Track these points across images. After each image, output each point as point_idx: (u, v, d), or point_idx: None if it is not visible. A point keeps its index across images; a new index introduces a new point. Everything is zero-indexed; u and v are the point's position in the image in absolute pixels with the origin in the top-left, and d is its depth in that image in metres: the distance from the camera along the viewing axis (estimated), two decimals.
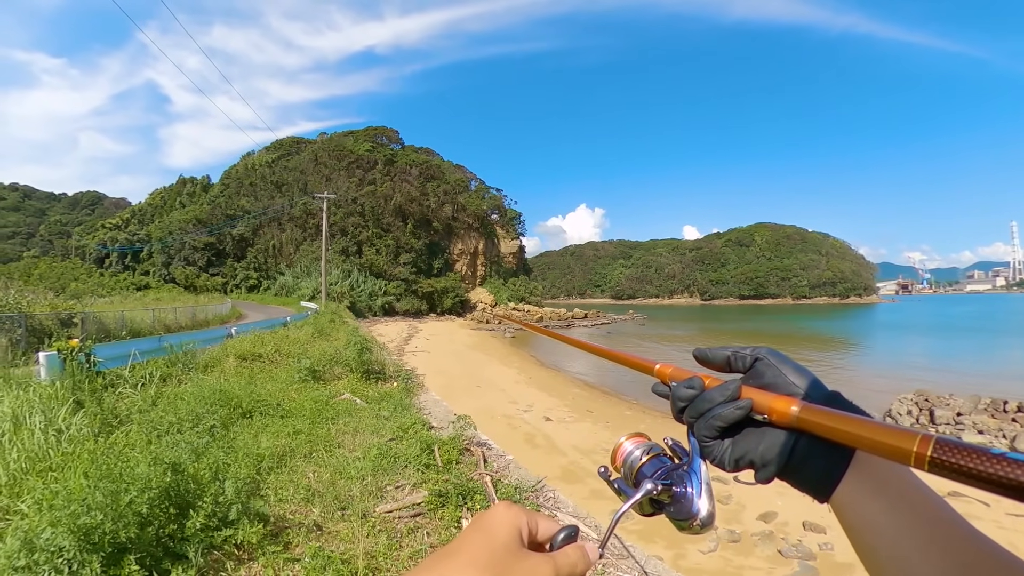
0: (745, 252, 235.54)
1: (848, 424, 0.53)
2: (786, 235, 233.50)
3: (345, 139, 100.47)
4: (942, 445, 0.43)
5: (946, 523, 0.56)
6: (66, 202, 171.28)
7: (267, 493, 5.25)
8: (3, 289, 18.68)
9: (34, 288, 26.61)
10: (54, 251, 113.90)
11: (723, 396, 0.64)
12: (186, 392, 8.67)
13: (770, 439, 0.62)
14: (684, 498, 0.66)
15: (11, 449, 5.20)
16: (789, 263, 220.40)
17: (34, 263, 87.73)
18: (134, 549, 3.47)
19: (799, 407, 0.58)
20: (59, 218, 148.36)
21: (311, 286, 67.20)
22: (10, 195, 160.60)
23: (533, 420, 15.69)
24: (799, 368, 0.66)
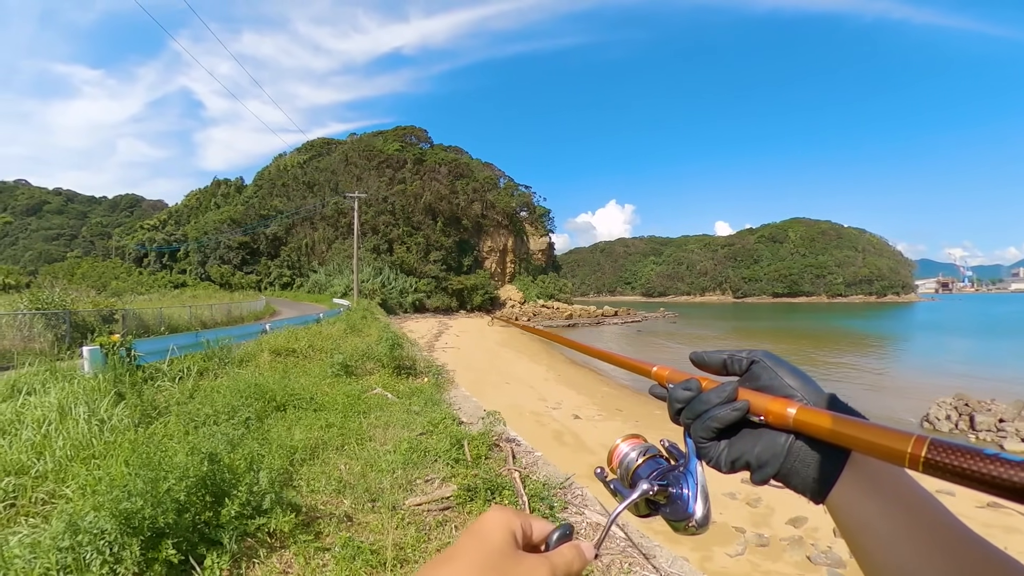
0: (779, 248, 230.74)
1: (843, 426, 0.53)
2: (821, 231, 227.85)
3: (375, 139, 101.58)
4: (936, 446, 0.43)
5: (942, 525, 0.56)
6: (106, 205, 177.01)
7: (300, 484, 5.35)
8: (49, 287, 19.35)
9: (77, 286, 27.58)
10: (95, 251, 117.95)
11: (720, 398, 0.65)
12: (222, 385, 8.88)
13: (766, 441, 0.62)
14: (680, 499, 0.66)
15: (57, 437, 5.43)
16: (824, 260, 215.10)
17: (77, 263, 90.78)
18: (171, 534, 3.58)
19: (795, 409, 0.58)
20: (100, 220, 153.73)
21: (343, 283, 68.09)
22: (54, 199, 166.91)
23: (561, 417, 15.65)
24: (795, 371, 0.66)
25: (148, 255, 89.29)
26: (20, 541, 3.51)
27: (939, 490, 8.96)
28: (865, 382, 24.57)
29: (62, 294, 18.88)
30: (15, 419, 5.92)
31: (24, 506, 4.43)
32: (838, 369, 29.22)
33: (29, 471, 4.86)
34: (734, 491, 9.30)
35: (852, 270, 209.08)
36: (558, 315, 78.79)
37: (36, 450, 5.21)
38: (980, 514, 8.66)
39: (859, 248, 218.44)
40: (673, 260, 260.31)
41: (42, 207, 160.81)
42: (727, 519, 8.37)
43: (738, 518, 8.46)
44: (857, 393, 21.20)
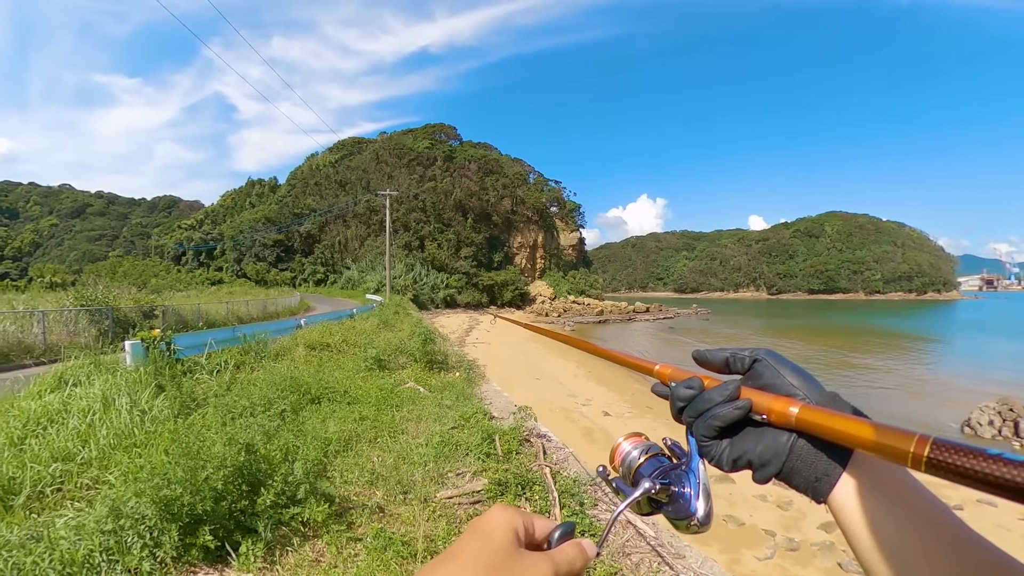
0: (814, 243, 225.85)
1: (846, 424, 0.53)
2: (858, 225, 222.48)
3: (404, 137, 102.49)
4: (939, 446, 0.43)
5: (944, 525, 0.55)
6: (145, 206, 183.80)
7: (333, 475, 5.42)
8: (93, 285, 19.99)
9: (119, 284, 28.42)
10: (136, 251, 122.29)
11: (722, 396, 0.65)
12: (258, 379, 9.06)
13: (768, 439, 0.62)
14: (682, 498, 0.67)
15: (101, 427, 5.65)
16: (861, 255, 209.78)
17: (119, 262, 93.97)
18: (209, 521, 3.68)
19: (798, 408, 0.58)
20: (139, 221, 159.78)
21: (376, 279, 68.90)
22: (96, 202, 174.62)
23: (591, 414, 15.57)
24: (797, 369, 0.66)
25: (186, 253, 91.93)
26: (66, 523, 3.65)
27: (980, 500, 8.65)
28: (903, 384, 23.78)
29: (105, 291, 19.55)
30: (62, 409, 6.17)
31: (70, 491, 4.60)
32: (874, 372, 28.42)
33: (75, 458, 5.05)
34: (765, 493, 9.11)
35: (891, 266, 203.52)
36: (589, 311, 78.23)
37: (81, 438, 5.42)
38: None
39: (898, 243, 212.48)
40: (706, 255, 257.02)
41: (85, 210, 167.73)
42: (757, 522, 8.21)
43: (768, 521, 8.29)
44: (894, 396, 20.61)
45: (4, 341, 14.47)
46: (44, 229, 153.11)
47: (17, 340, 14.81)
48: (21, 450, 5.05)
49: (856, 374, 26.36)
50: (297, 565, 3.80)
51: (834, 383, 24.07)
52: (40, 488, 4.51)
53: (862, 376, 25.77)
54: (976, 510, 8.41)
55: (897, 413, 17.43)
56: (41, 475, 4.62)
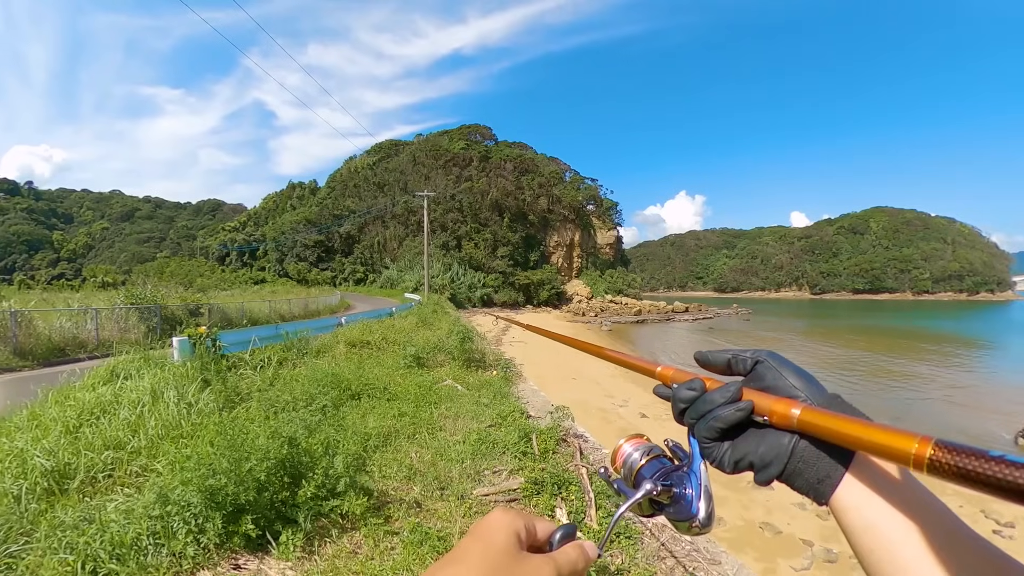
0: (859, 240, 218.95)
1: (848, 426, 0.52)
2: (905, 220, 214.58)
3: (440, 139, 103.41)
4: (941, 447, 0.43)
5: (945, 526, 0.55)
6: (190, 210, 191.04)
7: (372, 469, 5.49)
8: (142, 285, 20.80)
9: (166, 284, 29.51)
10: (182, 252, 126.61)
11: (724, 398, 0.64)
12: (300, 374, 9.26)
13: (770, 441, 0.62)
14: (683, 499, 0.67)
15: (150, 418, 5.87)
16: (909, 253, 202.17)
17: (166, 262, 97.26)
18: (251, 510, 3.78)
19: (799, 409, 0.58)
20: (185, 224, 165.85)
21: (414, 279, 69.69)
22: (144, 206, 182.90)
23: (628, 415, 15.41)
24: (799, 371, 0.66)
25: (230, 254, 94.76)
26: (116, 508, 3.81)
27: None
28: (952, 392, 22.69)
29: (153, 291, 20.38)
30: (114, 400, 6.43)
31: (120, 477, 4.79)
32: (921, 378, 27.37)
33: (125, 446, 5.25)
34: (804, 502, 8.81)
35: (940, 264, 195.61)
36: (626, 311, 77.50)
37: (131, 428, 5.63)
38: None
39: (948, 240, 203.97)
40: (747, 253, 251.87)
41: (134, 214, 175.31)
42: (794, 531, 7.97)
43: (806, 530, 8.05)
44: (942, 404, 19.72)
45: (60, 336, 15.19)
46: (96, 232, 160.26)
47: (72, 335, 15.54)
48: (76, 438, 5.28)
49: (902, 381, 25.44)
50: (335, 556, 3.86)
51: (877, 390, 23.30)
52: (93, 474, 4.70)
53: (909, 383, 24.84)
54: None
55: (945, 423, 16.68)
56: (94, 462, 4.81)
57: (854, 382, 24.33)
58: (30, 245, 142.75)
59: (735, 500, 8.95)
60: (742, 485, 9.35)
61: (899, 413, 17.86)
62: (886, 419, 0.55)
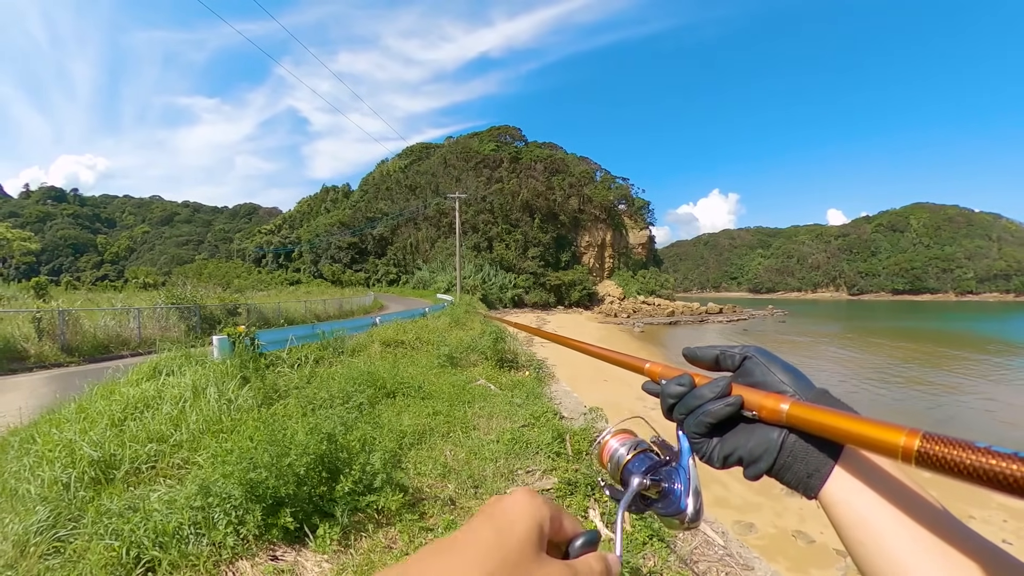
0: (899, 238, 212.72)
1: (836, 420, 0.52)
2: (947, 217, 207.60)
3: (471, 141, 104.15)
4: (928, 439, 0.43)
5: (934, 518, 0.55)
6: (227, 213, 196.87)
7: (407, 466, 5.51)
8: (181, 286, 21.36)
9: (205, 284, 30.24)
10: (219, 254, 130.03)
11: (713, 393, 0.65)
12: (337, 373, 9.38)
13: (759, 436, 0.62)
14: (672, 494, 0.66)
15: (191, 413, 6.02)
16: (951, 251, 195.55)
17: (204, 264, 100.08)
18: (290, 504, 3.84)
19: (788, 404, 0.58)
20: (222, 227, 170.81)
21: (446, 280, 70.20)
22: (183, 211, 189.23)
23: (659, 417, 15.18)
24: (788, 367, 0.66)
25: (266, 256, 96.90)
26: (159, 498, 3.90)
27: None
28: (1001, 402, 21.88)
29: (192, 291, 20.97)
30: (157, 395, 6.63)
31: (163, 469, 4.91)
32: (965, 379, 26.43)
33: (168, 440, 5.40)
34: None
35: (985, 263, 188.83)
36: (659, 312, 76.73)
37: (174, 423, 5.79)
38: None
39: (993, 237, 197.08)
40: (782, 253, 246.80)
41: (173, 218, 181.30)
42: (828, 540, 7.74)
43: (840, 541, 7.83)
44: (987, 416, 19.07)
45: (105, 334, 15.71)
46: (138, 236, 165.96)
47: (116, 333, 16.07)
48: (121, 430, 5.45)
49: (946, 383, 24.62)
50: (370, 550, 3.88)
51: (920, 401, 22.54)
52: (137, 465, 4.84)
53: (952, 385, 24.02)
54: None
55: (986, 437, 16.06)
56: (138, 453, 4.95)
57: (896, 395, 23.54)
58: (76, 248, 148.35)
59: (768, 507, 8.79)
60: (775, 492, 9.16)
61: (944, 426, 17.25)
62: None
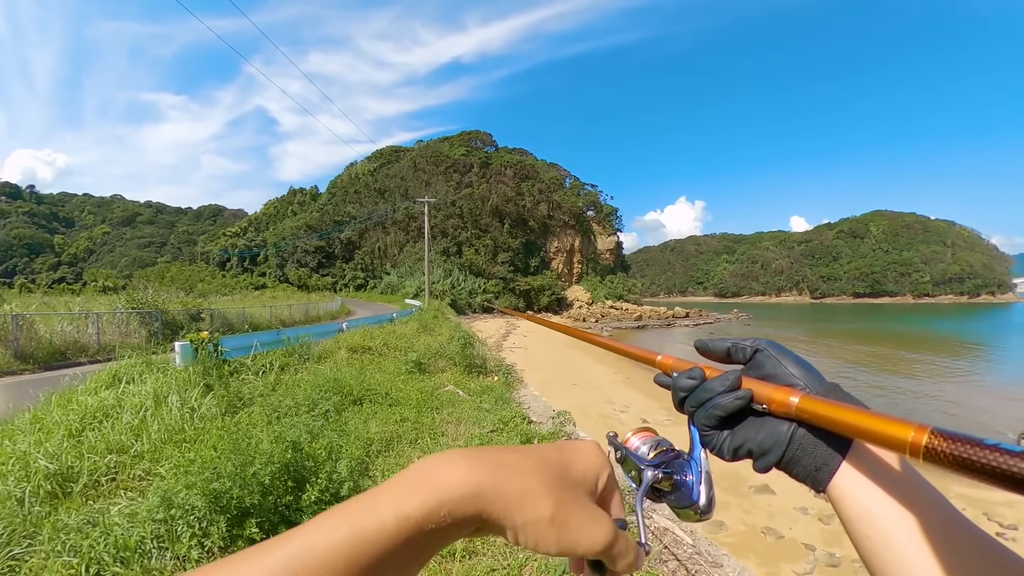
0: (859, 244, 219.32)
1: (845, 414, 0.52)
2: (905, 224, 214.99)
3: (441, 145, 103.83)
4: (937, 435, 0.43)
5: (940, 514, 0.55)
6: (191, 215, 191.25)
7: (375, 474, 5.48)
8: (143, 289, 20.81)
9: (167, 288, 29.57)
10: (183, 257, 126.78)
11: (723, 386, 0.65)
12: (302, 380, 9.26)
13: (769, 429, 0.62)
14: (684, 486, 0.67)
15: (153, 422, 5.88)
16: (909, 256, 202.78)
17: (167, 267, 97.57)
18: (255, 514, 3.79)
19: (798, 398, 0.58)
20: (186, 229, 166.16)
21: (415, 285, 69.75)
22: (146, 211, 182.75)
23: (629, 421, 15.38)
24: (798, 360, 0.67)
25: (230, 259, 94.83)
26: (120, 511, 3.81)
27: None
28: (955, 392, 22.82)
29: (154, 295, 20.38)
30: (117, 404, 6.45)
31: (124, 480, 4.80)
32: (924, 376, 27.40)
33: (128, 450, 5.26)
34: (806, 506, 8.82)
35: (941, 267, 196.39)
36: (627, 316, 77.61)
37: (134, 432, 5.64)
38: None
39: (948, 243, 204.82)
40: (747, 258, 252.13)
41: (135, 218, 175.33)
42: (797, 535, 7.94)
43: (808, 535, 8.02)
44: (945, 405, 19.82)
45: (61, 340, 15.21)
46: (97, 237, 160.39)
47: (73, 339, 15.57)
48: (79, 441, 5.29)
49: (902, 382, 25.45)
50: None
51: (877, 390, 23.29)
52: (96, 477, 4.71)
53: (911, 383, 24.86)
54: None
55: (948, 423, 16.71)
56: (97, 465, 4.82)
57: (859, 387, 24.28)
58: (31, 249, 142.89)
59: (737, 505, 8.93)
60: (743, 490, 9.34)
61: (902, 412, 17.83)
62: None
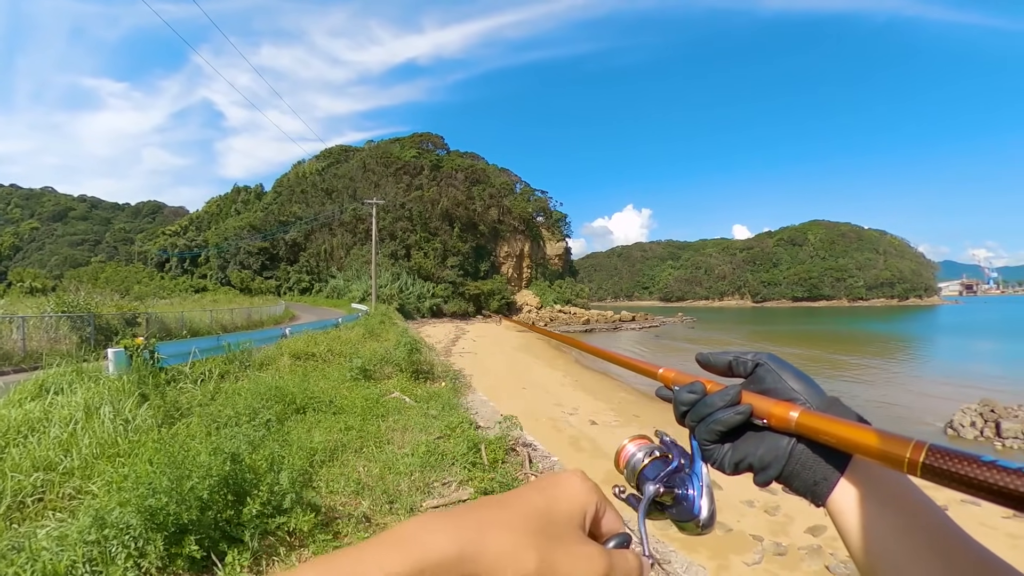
0: (798, 252, 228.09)
1: (844, 430, 0.54)
2: (841, 233, 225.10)
3: (392, 146, 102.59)
4: (934, 452, 0.44)
5: (939, 529, 0.56)
6: (129, 211, 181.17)
7: (319, 485, 5.40)
8: (74, 291, 19.78)
9: (101, 290, 28.16)
10: (119, 256, 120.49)
11: (723, 401, 0.66)
12: (243, 388, 9.00)
13: (769, 444, 0.63)
14: (686, 500, 0.67)
15: (83, 436, 5.56)
16: (844, 263, 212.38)
17: (101, 267, 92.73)
18: (194, 531, 3.66)
19: (798, 413, 0.59)
20: (123, 226, 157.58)
21: (361, 289, 68.56)
22: (79, 206, 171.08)
23: (578, 423, 15.59)
24: (799, 374, 0.67)
25: (170, 260, 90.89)
26: (48, 534, 3.59)
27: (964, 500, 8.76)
28: (886, 387, 24.14)
29: (87, 298, 19.33)
30: (43, 417, 6.07)
31: (52, 501, 4.54)
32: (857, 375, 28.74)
33: (57, 467, 4.97)
34: (752, 499, 9.17)
35: (873, 273, 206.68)
36: (575, 320, 78.52)
37: (63, 447, 5.34)
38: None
39: (880, 250, 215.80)
40: (691, 264, 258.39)
41: (67, 213, 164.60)
42: (744, 527, 8.25)
43: (756, 526, 8.34)
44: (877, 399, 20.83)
45: None
46: (25, 232, 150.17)
47: None
48: (1, 459, 4.97)
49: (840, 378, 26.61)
50: None
51: None
52: (21, 498, 4.45)
53: (845, 379, 26.02)
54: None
55: (881, 416, 17.59)
56: (22, 485, 4.55)
57: None
58: None
59: None
60: None
61: None
62: None
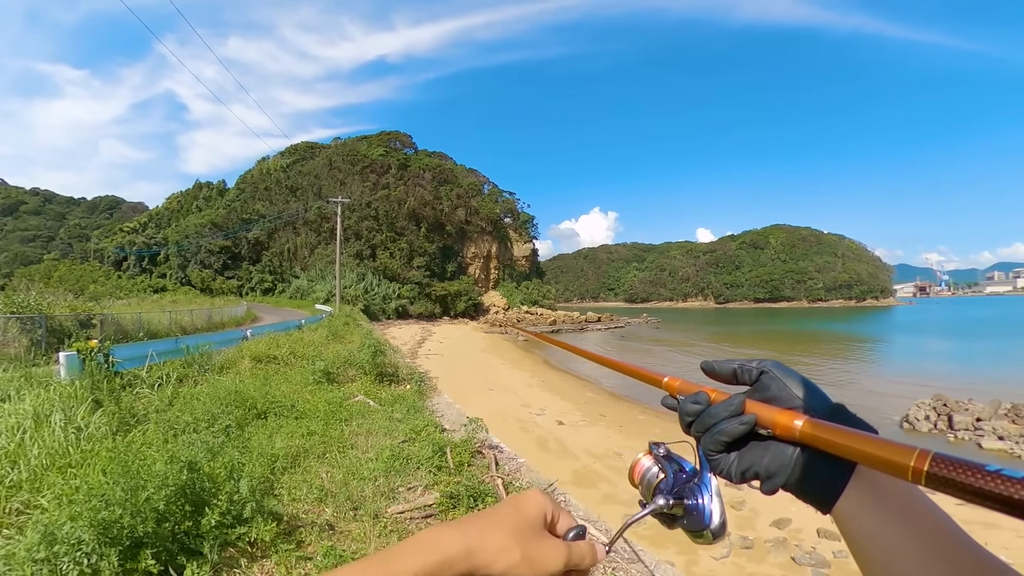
0: (760, 255, 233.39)
1: (849, 439, 0.54)
2: (801, 237, 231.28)
3: (359, 144, 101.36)
4: (939, 461, 0.44)
5: (946, 537, 0.57)
6: (85, 206, 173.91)
7: (281, 492, 5.30)
8: (25, 291, 19.03)
9: (54, 290, 27.19)
10: (73, 254, 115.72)
11: (728, 411, 0.66)
12: (202, 393, 8.78)
13: (774, 452, 0.63)
14: (696, 510, 0.69)
15: (32, 446, 5.31)
16: (804, 265, 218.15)
17: (54, 266, 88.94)
18: (151, 544, 3.54)
19: (802, 422, 0.59)
20: (78, 222, 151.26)
21: (325, 289, 67.66)
22: (32, 200, 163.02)
23: (545, 424, 15.67)
24: (804, 381, 0.67)
25: (127, 258, 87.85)
26: None
27: None
28: (845, 383, 24.94)
29: (38, 297, 18.59)
30: None
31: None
32: (816, 371, 29.53)
33: (3, 481, 4.75)
34: None
35: (832, 275, 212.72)
36: (542, 321, 78.91)
37: (10, 459, 5.09)
38: None
39: (838, 254, 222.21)
40: (656, 266, 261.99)
41: (19, 207, 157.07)
42: None
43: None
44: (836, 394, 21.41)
45: None
46: None
47: None
48: None
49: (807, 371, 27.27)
50: None
51: None
52: None
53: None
54: None
55: None
56: None
57: None
58: None
59: None
60: None
61: None
62: None
